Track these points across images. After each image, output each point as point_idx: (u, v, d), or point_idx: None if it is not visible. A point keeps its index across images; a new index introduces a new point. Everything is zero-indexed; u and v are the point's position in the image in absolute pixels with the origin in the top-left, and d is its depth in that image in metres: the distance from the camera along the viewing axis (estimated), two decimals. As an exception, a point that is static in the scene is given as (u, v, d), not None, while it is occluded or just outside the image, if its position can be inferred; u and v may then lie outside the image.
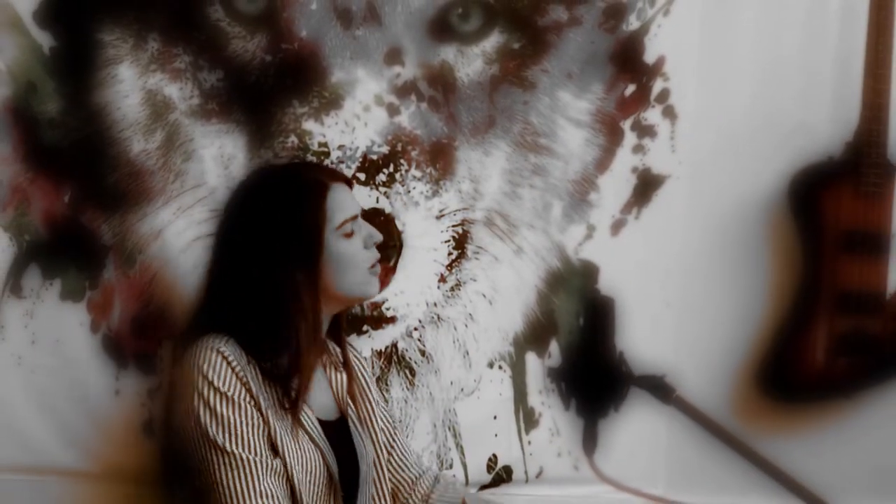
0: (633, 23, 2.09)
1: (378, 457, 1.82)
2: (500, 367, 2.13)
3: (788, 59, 2.16)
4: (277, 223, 1.68)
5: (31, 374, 2.00)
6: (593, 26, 2.08)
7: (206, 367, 1.62)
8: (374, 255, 1.74)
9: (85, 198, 1.99)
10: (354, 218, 1.73)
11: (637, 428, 2.17)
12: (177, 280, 2.01)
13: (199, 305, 1.76)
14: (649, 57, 2.10)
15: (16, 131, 1.97)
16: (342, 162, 2.00)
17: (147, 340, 2.02)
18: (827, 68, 2.16)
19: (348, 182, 1.79)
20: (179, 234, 2.01)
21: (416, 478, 1.89)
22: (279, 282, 1.66)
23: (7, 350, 1.99)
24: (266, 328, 1.67)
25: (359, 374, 1.85)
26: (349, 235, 1.71)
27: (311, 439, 1.68)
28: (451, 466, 2.11)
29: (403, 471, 1.89)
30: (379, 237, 1.76)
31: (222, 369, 1.62)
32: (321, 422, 1.71)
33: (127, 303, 2.01)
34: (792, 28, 2.16)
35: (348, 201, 1.74)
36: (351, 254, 1.71)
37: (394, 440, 1.89)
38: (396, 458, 1.89)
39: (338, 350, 1.82)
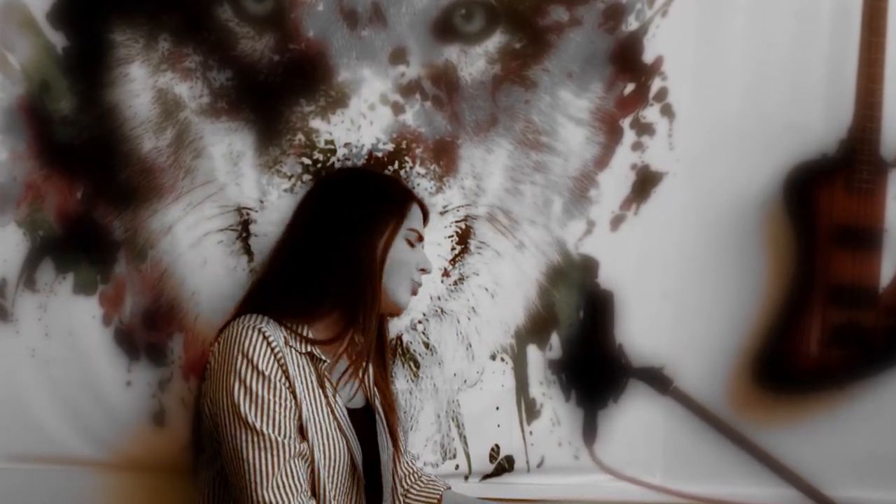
0: (632, 23, 2.09)
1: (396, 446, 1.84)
2: (503, 359, 2.13)
3: (783, 58, 2.14)
4: (364, 209, 1.73)
5: (44, 366, 1.99)
6: (593, 27, 2.08)
7: (246, 344, 1.61)
8: (419, 279, 1.80)
9: (97, 194, 1.99)
10: (421, 238, 1.78)
11: (635, 418, 2.16)
12: (187, 274, 2.01)
13: (259, 286, 1.77)
14: (648, 57, 2.10)
15: (30, 129, 1.98)
16: (348, 159, 2.01)
17: (158, 333, 2.01)
18: (820, 68, 2.15)
19: (426, 215, 1.87)
20: (189, 229, 2.01)
21: (403, 475, 1.91)
22: (355, 262, 1.69)
23: (21, 343, 1.99)
24: (332, 307, 1.69)
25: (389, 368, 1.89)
26: (411, 245, 1.76)
27: (339, 427, 1.68)
28: (454, 456, 2.11)
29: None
30: (430, 269, 1.82)
31: (263, 349, 1.61)
32: (348, 410, 1.71)
33: (138, 296, 2.01)
34: (786, 28, 2.14)
35: (422, 222, 1.83)
36: (405, 261, 1.75)
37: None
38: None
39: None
